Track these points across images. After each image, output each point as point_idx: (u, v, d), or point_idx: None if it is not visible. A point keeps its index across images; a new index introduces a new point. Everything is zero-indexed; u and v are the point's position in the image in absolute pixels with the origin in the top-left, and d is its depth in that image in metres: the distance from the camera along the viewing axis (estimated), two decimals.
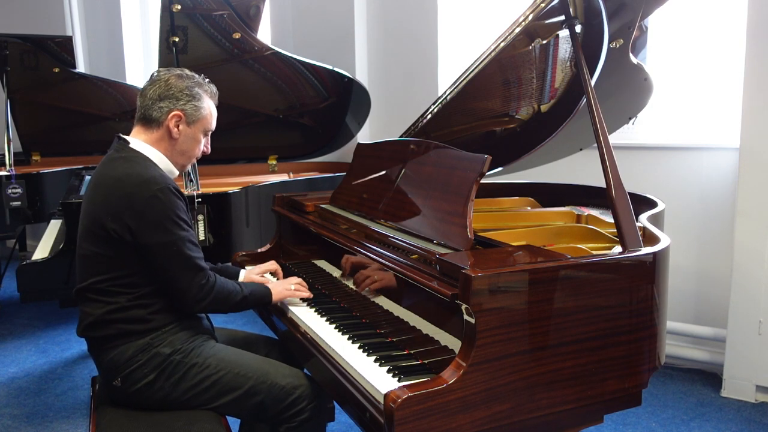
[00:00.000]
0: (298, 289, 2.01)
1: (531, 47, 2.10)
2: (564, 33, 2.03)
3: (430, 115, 2.22)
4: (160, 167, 1.82)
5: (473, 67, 2.00)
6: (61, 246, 3.02)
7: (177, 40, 3.15)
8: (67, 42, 4.44)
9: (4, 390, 3.25)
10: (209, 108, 1.89)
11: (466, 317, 1.35)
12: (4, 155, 4.18)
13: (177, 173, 1.91)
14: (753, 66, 2.86)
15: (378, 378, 1.45)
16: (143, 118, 1.84)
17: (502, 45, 1.93)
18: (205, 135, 1.92)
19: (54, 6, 5.64)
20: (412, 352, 1.59)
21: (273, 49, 3.54)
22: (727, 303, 3.03)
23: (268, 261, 2.49)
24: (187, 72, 1.89)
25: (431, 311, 1.59)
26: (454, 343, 1.47)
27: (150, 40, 5.62)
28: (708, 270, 3.27)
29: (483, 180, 1.71)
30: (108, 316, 1.75)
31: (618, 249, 1.65)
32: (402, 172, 2.02)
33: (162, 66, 3.13)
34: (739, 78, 2.94)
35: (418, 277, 1.53)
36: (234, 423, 1.92)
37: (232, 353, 1.86)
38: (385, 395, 1.29)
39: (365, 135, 4.26)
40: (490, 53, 1.95)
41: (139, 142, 1.84)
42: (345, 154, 4.19)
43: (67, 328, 4.13)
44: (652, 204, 2.21)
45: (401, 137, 2.28)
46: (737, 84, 2.99)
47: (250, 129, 3.99)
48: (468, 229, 1.63)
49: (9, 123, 4.28)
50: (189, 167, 2.01)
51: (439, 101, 2.15)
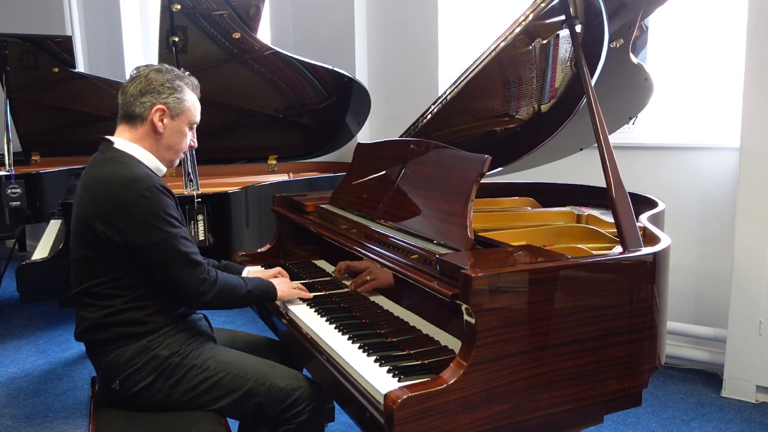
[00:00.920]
0: (302, 290, 2.02)
1: (531, 47, 2.10)
2: (564, 33, 2.03)
3: (430, 115, 2.21)
4: (146, 165, 1.80)
5: (473, 67, 2.00)
6: (61, 246, 3.02)
7: (177, 39, 3.15)
8: (67, 42, 4.44)
9: (3, 390, 3.25)
10: (192, 100, 1.86)
11: (466, 317, 1.35)
12: (3, 155, 4.17)
13: (165, 170, 1.88)
14: (753, 66, 2.85)
15: (378, 378, 1.45)
16: (126, 115, 1.82)
17: (502, 45, 1.92)
18: (191, 128, 1.89)
19: (54, 6, 5.64)
20: (412, 352, 1.58)
21: (273, 49, 3.54)
22: (727, 303, 3.03)
23: (267, 261, 2.49)
24: (167, 66, 1.86)
25: (431, 311, 1.59)
26: (454, 343, 1.47)
27: (150, 40, 5.62)
28: (708, 270, 3.26)
29: (483, 180, 1.71)
30: (104, 319, 1.75)
31: (618, 249, 1.65)
32: (402, 172, 2.02)
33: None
34: (739, 78, 2.94)
35: (418, 277, 1.53)
36: (233, 424, 1.91)
37: (231, 355, 1.85)
38: (385, 395, 1.29)
39: (365, 135, 4.26)
40: (490, 53, 1.95)
41: (124, 141, 1.81)
42: (345, 154, 4.18)
43: (67, 328, 4.13)
44: (652, 204, 2.21)
45: (401, 137, 2.28)
46: (737, 84, 2.99)
47: (250, 129, 3.98)
48: (468, 229, 1.63)
49: (9, 123, 4.28)
50: (186, 165, 2.00)
51: (439, 101, 2.15)
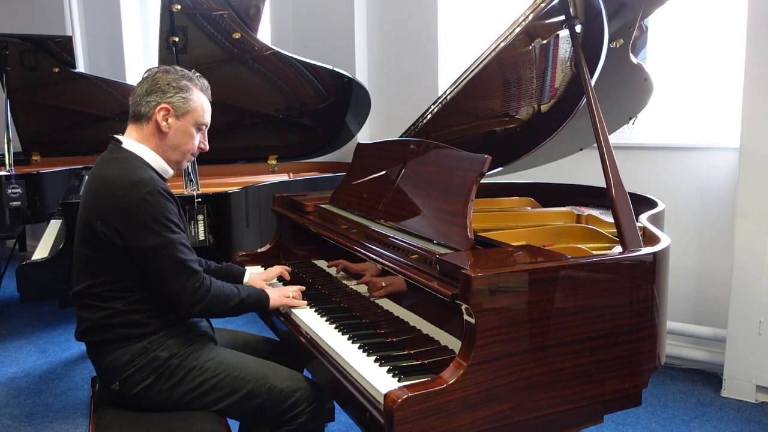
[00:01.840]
0: (296, 298, 1.99)
1: (531, 47, 2.10)
2: (564, 33, 2.03)
3: (430, 115, 2.21)
4: (152, 167, 1.80)
5: (473, 67, 2.00)
6: (61, 246, 3.02)
7: (177, 40, 3.15)
8: (67, 42, 4.44)
9: (4, 390, 3.25)
10: (200, 101, 1.84)
11: (466, 317, 1.35)
12: (4, 155, 4.18)
13: (172, 172, 1.87)
14: (753, 66, 2.85)
15: (378, 378, 1.45)
16: (134, 115, 1.83)
17: (502, 45, 1.93)
18: (199, 129, 1.86)
19: (54, 6, 5.64)
20: (412, 352, 1.58)
21: (273, 49, 3.54)
22: (727, 303, 3.03)
23: (268, 261, 2.48)
24: (177, 68, 1.86)
25: (431, 311, 1.59)
26: (454, 343, 1.47)
27: (150, 40, 5.62)
28: (708, 270, 3.27)
29: (483, 180, 1.71)
30: (104, 320, 1.74)
31: (618, 249, 1.65)
32: (402, 172, 2.02)
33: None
34: (739, 78, 2.94)
35: (418, 277, 1.53)
36: (233, 425, 1.91)
37: (231, 356, 1.85)
38: (385, 395, 1.29)
39: (365, 135, 4.26)
40: (490, 53, 1.95)
41: (131, 141, 1.81)
42: (345, 154, 4.18)
43: (67, 328, 4.13)
44: (652, 204, 2.21)
45: (401, 137, 2.28)
46: (737, 84, 2.99)
47: (250, 129, 3.98)
48: (468, 229, 1.63)
49: (9, 123, 4.28)
50: (187, 165, 1.98)
51: (439, 101, 2.15)
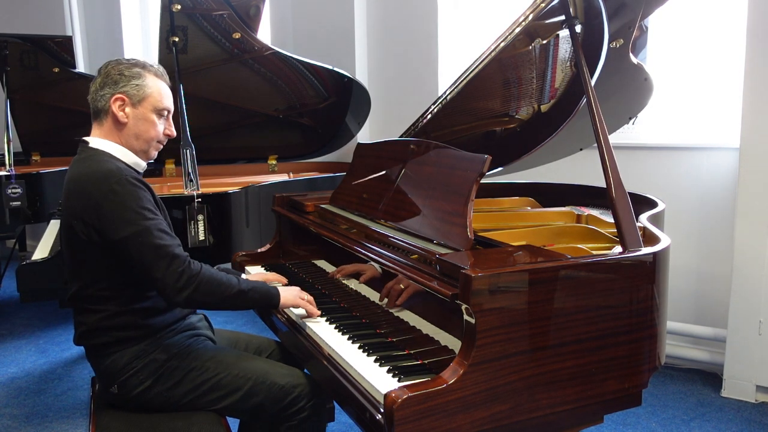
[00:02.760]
0: (310, 302, 1.87)
1: (531, 47, 2.10)
2: (564, 33, 2.03)
3: (430, 115, 2.21)
4: (122, 160, 1.78)
5: (473, 67, 2.00)
6: (61, 246, 3.02)
7: (177, 40, 3.15)
8: (67, 42, 4.44)
9: (4, 390, 3.25)
10: (155, 86, 1.81)
11: (466, 317, 1.35)
12: (4, 155, 4.18)
13: (144, 164, 1.85)
14: (753, 66, 2.85)
15: (378, 378, 1.45)
16: (94, 113, 1.82)
17: (502, 45, 1.93)
18: (160, 115, 1.82)
19: (54, 6, 5.64)
20: (412, 352, 1.58)
21: (273, 49, 3.54)
22: (727, 303, 3.03)
23: (268, 261, 2.48)
24: (127, 58, 1.85)
25: (431, 311, 1.59)
26: (454, 343, 1.47)
27: (150, 40, 5.61)
28: (708, 270, 3.26)
29: (483, 180, 1.71)
30: (100, 323, 1.74)
31: (618, 249, 1.65)
32: (402, 172, 2.02)
33: (162, 66, 3.14)
34: (739, 78, 2.94)
35: (418, 277, 1.53)
36: (233, 423, 1.92)
37: (230, 355, 1.85)
38: (385, 395, 1.29)
39: (365, 135, 4.26)
40: (490, 53, 1.95)
41: (96, 139, 1.80)
42: (345, 154, 4.18)
43: (67, 328, 4.13)
44: (652, 204, 2.21)
45: (401, 137, 2.28)
46: (737, 84, 2.99)
47: (250, 129, 3.98)
48: (468, 229, 1.63)
49: (9, 123, 4.28)
50: (188, 165, 1.98)
51: (439, 101, 2.15)
